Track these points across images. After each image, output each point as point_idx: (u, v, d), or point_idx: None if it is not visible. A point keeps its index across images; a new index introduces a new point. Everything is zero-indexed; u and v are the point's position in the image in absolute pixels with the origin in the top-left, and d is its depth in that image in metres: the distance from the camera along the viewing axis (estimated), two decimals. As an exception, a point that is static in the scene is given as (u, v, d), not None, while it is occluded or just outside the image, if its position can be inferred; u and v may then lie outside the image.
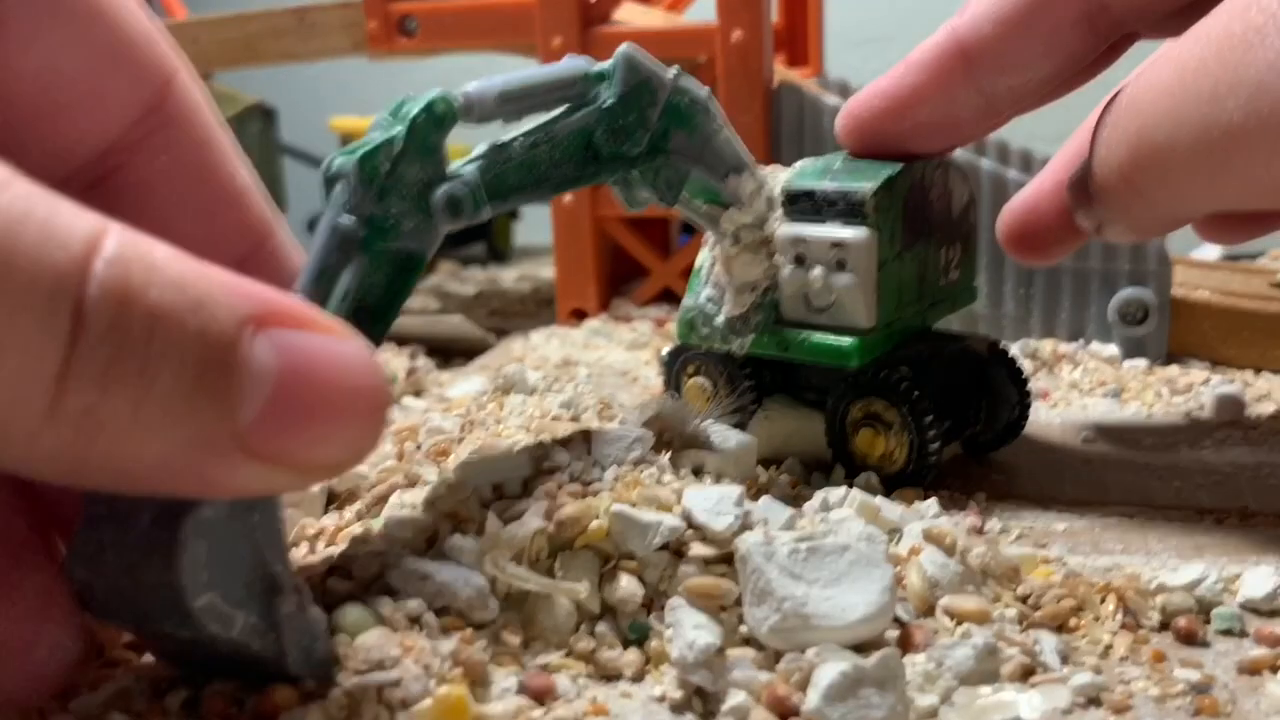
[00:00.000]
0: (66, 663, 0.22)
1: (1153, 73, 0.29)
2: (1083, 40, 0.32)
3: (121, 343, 0.17)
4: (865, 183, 0.33)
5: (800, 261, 0.33)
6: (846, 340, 0.33)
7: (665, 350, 0.38)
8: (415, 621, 0.23)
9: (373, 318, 0.25)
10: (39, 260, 0.17)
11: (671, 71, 0.31)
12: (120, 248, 0.17)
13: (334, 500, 0.32)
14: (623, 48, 0.30)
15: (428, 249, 0.26)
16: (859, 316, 0.33)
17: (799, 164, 0.35)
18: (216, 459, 0.18)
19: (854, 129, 0.35)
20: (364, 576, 0.25)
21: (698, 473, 0.29)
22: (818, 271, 0.33)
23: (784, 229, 0.34)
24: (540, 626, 0.25)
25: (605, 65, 0.30)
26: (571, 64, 0.30)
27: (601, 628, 0.25)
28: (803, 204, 0.34)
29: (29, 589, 0.22)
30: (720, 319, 0.35)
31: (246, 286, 0.19)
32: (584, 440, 0.29)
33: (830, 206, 0.33)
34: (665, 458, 0.29)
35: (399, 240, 0.25)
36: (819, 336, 0.34)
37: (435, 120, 0.26)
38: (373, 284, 0.25)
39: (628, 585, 0.25)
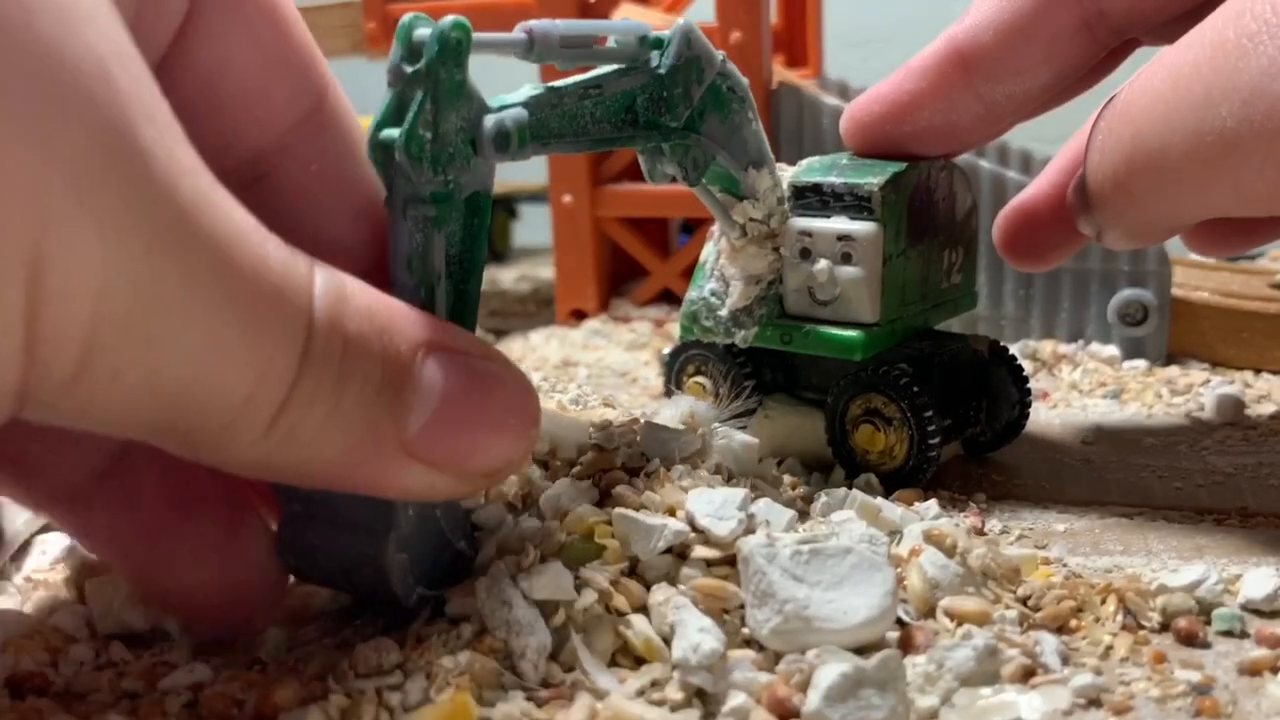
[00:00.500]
0: (276, 602, 0.26)
1: (1147, 78, 0.29)
2: (1082, 47, 0.32)
3: (328, 365, 0.20)
4: (873, 178, 0.33)
5: (806, 255, 0.33)
6: (852, 333, 0.33)
7: (666, 350, 0.38)
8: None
9: (464, 269, 0.25)
10: (283, 289, 0.19)
11: (720, 55, 0.32)
12: (326, 281, 0.20)
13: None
14: (682, 21, 0.31)
15: (488, 184, 0.26)
16: (864, 310, 0.33)
17: (805, 161, 0.35)
18: (386, 462, 0.21)
19: (855, 132, 0.35)
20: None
21: (717, 471, 0.30)
22: (823, 264, 0.33)
23: (791, 222, 0.34)
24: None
25: (664, 33, 0.30)
26: (631, 24, 0.30)
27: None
28: (809, 198, 0.34)
29: (253, 537, 0.25)
30: (724, 312, 0.35)
31: (421, 316, 0.22)
32: (633, 429, 0.30)
33: (837, 200, 0.33)
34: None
35: (462, 193, 0.25)
36: (824, 329, 0.34)
37: (454, 56, 0.24)
38: (452, 240, 0.25)
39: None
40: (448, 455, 0.21)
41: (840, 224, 0.33)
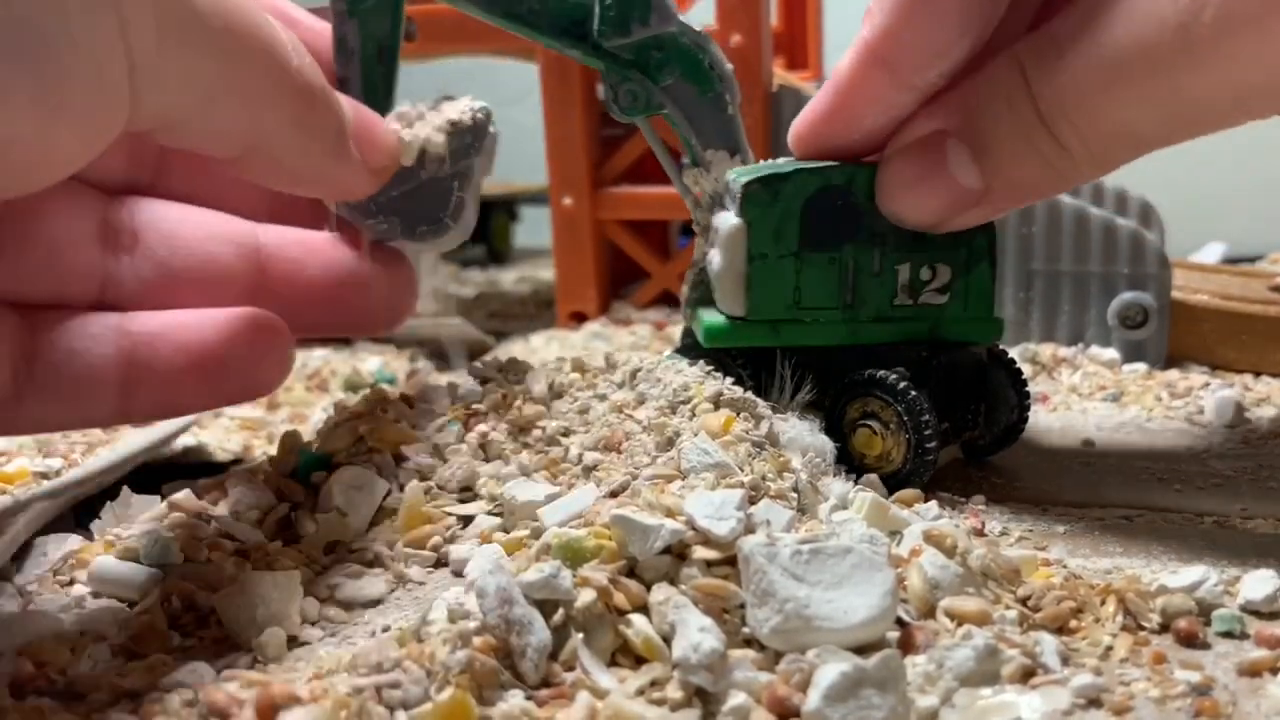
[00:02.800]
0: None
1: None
2: (992, 5, 0.31)
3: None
4: (748, 176, 0.34)
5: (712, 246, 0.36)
6: (712, 320, 0.36)
7: (666, 354, 0.39)
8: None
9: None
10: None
11: (699, 28, 0.35)
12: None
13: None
14: None
15: None
16: (728, 302, 0.35)
17: (766, 161, 0.36)
18: (342, 156, 0.32)
19: (803, 153, 0.35)
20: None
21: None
22: (709, 254, 0.36)
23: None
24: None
25: None
26: None
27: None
28: (724, 194, 0.36)
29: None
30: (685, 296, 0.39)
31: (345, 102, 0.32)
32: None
33: (727, 196, 0.36)
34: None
35: None
36: (702, 314, 0.36)
37: None
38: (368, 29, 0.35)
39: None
40: (364, 154, 0.32)
41: (720, 217, 0.35)
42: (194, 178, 0.35)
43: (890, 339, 0.35)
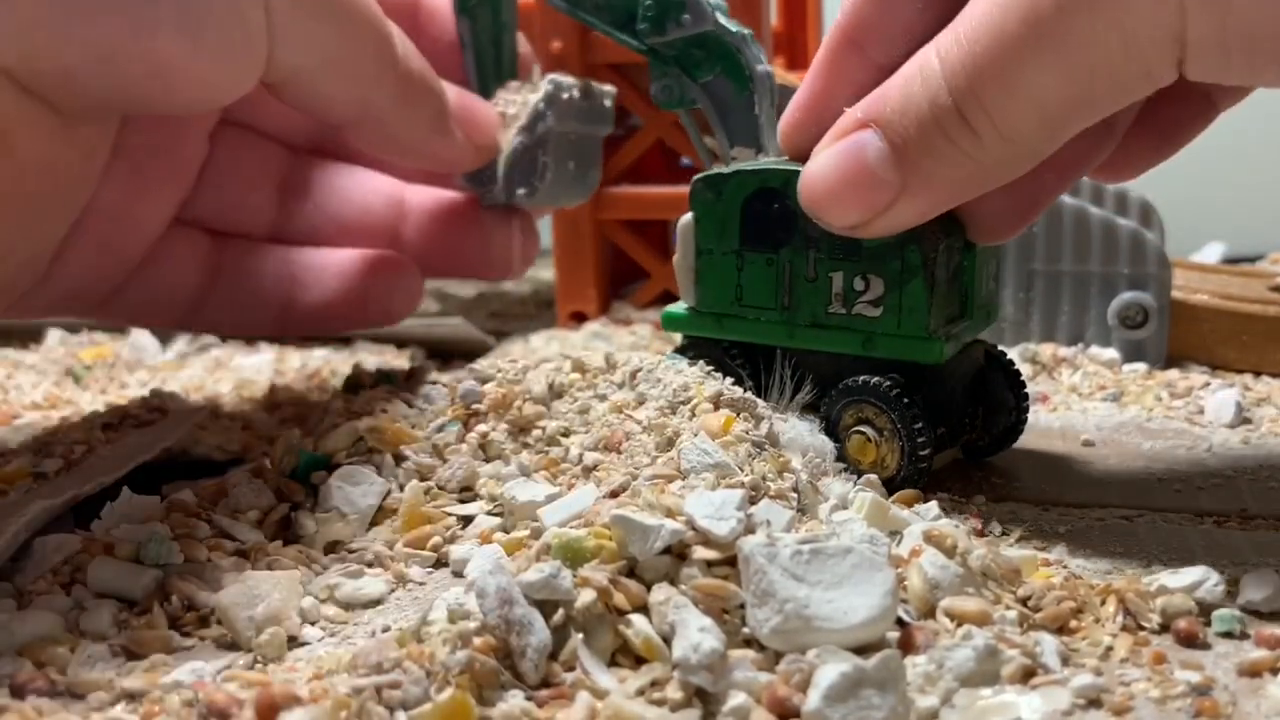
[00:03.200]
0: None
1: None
2: None
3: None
4: (701, 174, 0.36)
5: None
6: (673, 308, 0.38)
7: (666, 354, 0.39)
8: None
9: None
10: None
11: (743, 31, 0.37)
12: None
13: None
14: None
15: None
16: (682, 292, 0.37)
17: (756, 159, 0.38)
18: (444, 133, 0.39)
19: (790, 147, 0.35)
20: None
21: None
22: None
23: None
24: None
25: None
26: None
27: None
28: None
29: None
30: None
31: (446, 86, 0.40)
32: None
33: None
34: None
35: None
36: (671, 304, 0.38)
37: None
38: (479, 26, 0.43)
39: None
40: (468, 132, 0.40)
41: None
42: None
43: (826, 347, 0.35)
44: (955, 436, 0.37)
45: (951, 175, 0.30)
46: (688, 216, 0.36)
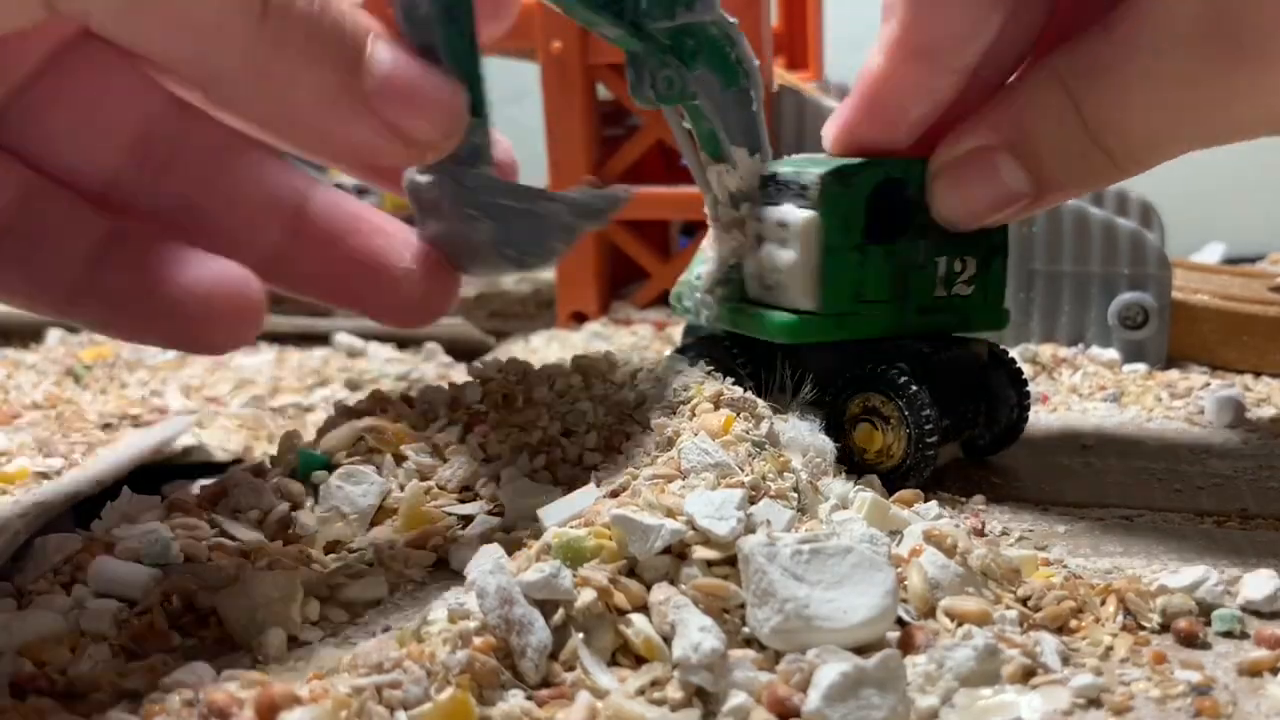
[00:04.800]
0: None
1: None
2: None
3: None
4: (817, 169, 0.34)
5: (760, 241, 0.35)
6: (785, 317, 0.35)
7: (666, 354, 0.39)
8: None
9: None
10: None
11: (731, 20, 0.34)
12: None
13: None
14: None
15: None
16: (799, 297, 0.34)
17: (790, 157, 0.36)
18: (344, 111, 0.26)
19: (844, 148, 0.35)
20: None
21: None
22: (767, 249, 0.35)
23: (754, 210, 0.35)
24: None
25: None
26: None
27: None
28: (769, 188, 0.35)
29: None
30: (699, 294, 0.37)
31: (367, 17, 0.27)
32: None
33: (787, 190, 0.35)
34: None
35: None
36: (763, 312, 0.35)
37: None
38: None
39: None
40: (393, 115, 0.26)
41: (782, 211, 0.34)
42: None
43: (929, 329, 0.36)
44: (959, 430, 0.37)
45: (1080, 185, 0.34)
46: (805, 214, 0.34)
